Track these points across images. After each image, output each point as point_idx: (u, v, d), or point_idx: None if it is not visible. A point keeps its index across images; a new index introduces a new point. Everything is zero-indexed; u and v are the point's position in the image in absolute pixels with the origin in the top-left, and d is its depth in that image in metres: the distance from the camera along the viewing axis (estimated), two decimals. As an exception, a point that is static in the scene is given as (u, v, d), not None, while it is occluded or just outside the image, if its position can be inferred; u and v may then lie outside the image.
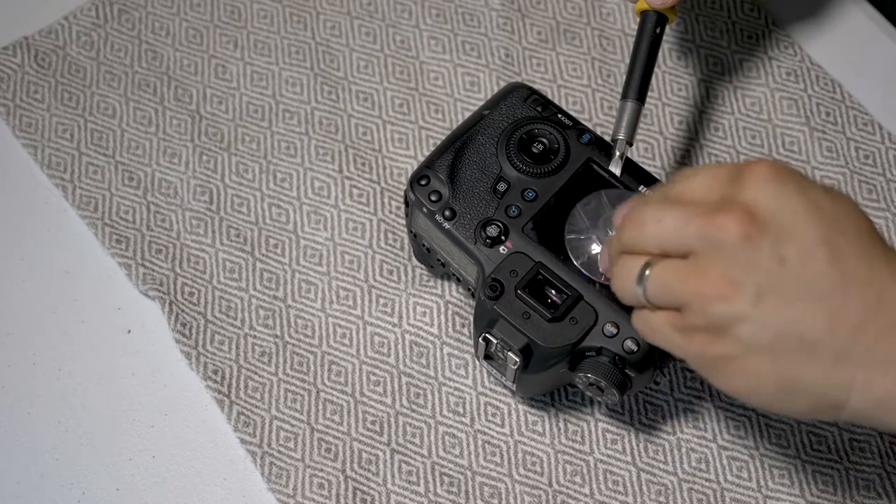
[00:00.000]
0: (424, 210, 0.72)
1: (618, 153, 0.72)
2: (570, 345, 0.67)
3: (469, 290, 0.75)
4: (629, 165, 0.72)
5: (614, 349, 0.67)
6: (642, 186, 0.71)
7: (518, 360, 0.68)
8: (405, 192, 0.73)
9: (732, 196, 0.57)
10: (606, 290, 0.68)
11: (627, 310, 0.66)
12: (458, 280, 0.76)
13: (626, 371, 0.68)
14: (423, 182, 0.72)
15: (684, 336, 0.59)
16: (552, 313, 0.68)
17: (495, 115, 0.74)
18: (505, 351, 0.69)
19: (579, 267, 0.69)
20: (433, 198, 0.72)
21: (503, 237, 0.70)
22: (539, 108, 0.74)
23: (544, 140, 0.73)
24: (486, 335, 0.69)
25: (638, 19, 0.76)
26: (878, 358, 0.55)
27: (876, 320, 0.55)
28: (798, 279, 0.55)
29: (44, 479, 0.74)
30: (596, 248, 0.69)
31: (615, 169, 0.72)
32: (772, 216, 0.56)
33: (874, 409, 0.56)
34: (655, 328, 0.61)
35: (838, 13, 0.88)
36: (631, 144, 0.72)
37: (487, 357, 0.71)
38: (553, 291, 0.69)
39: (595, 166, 0.72)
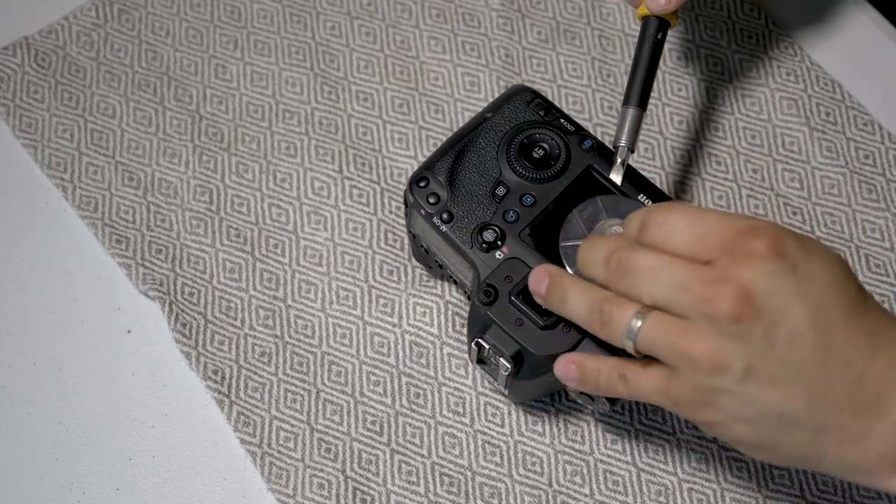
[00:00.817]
0: (422, 212, 0.72)
1: (619, 160, 0.72)
2: (561, 353, 0.67)
3: (466, 292, 0.75)
4: (630, 173, 0.72)
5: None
6: (642, 195, 0.71)
7: (509, 366, 0.68)
8: (404, 192, 0.73)
9: (729, 269, 0.58)
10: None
11: None
12: (456, 282, 0.75)
13: None
14: (422, 184, 0.72)
15: (670, 391, 0.61)
16: (545, 321, 0.68)
17: (497, 119, 0.74)
18: (497, 357, 0.69)
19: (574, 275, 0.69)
20: (431, 200, 0.72)
21: (499, 242, 0.70)
22: (542, 113, 0.74)
23: (545, 145, 0.73)
24: (479, 340, 0.69)
25: (640, 24, 0.76)
26: (852, 433, 0.58)
27: (854, 399, 0.58)
28: (785, 363, 0.57)
29: (44, 479, 0.74)
30: None
31: (616, 176, 0.71)
32: (766, 300, 0.57)
33: (845, 472, 0.60)
34: (642, 392, 0.63)
35: (838, 13, 0.88)
36: (632, 151, 0.72)
37: (480, 361, 0.71)
38: None
39: (595, 173, 0.72)
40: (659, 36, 0.75)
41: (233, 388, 0.76)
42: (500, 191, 0.72)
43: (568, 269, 0.69)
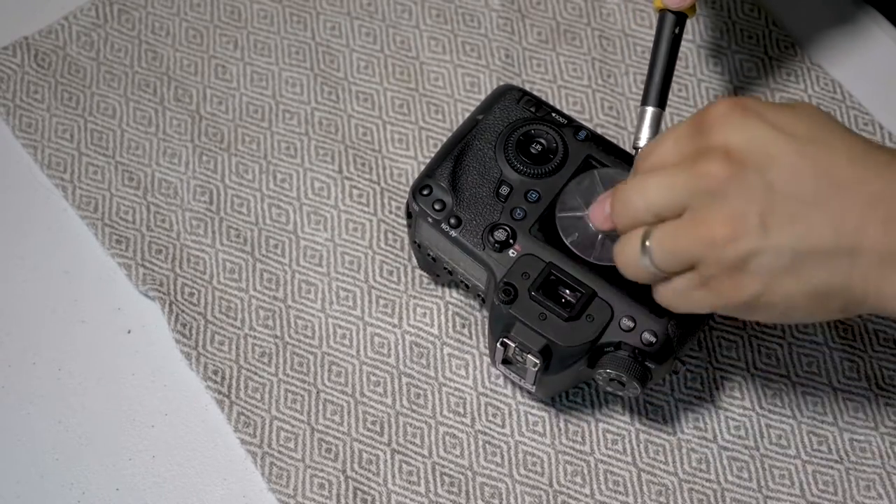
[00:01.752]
0: (429, 220, 0.72)
1: None
2: (588, 343, 0.68)
3: (479, 295, 0.75)
4: None
5: (632, 343, 0.67)
6: None
7: (538, 361, 0.68)
8: (407, 203, 0.73)
9: (703, 145, 0.59)
10: (620, 285, 0.68)
11: (642, 301, 0.67)
12: (467, 287, 0.75)
13: (646, 363, 0.68)
14: (425, 192, 0.72)
15: (709, 291, 0.60)
16: (568, 312, 0.68)
17: (490, 119, 0.74)
18: (524, 354, 0.69)
19: (569, 246, 0.69)
20: (437, 207, 0.72)
21: (511, 240, 0.70)
22: (533, 109, 0.74)
23: (542, 140, 0.73)
24: (504, 340, 0.69)
25: (657, 19, 0.75)
26: (888, 249, 0.57)
27: (875, 215, 0.57)
28: (792, 197, 0.57)
29: (44, 479, 0.74)
30: (588, 227, 0.69)
31: None
32: (747, 149, 0.58)
33: (892, 300, 0.58)
34: (679, 295, 0.62)
35: (838, 13, 0.88)
36: None
37: (506, 361, 0.71)
38: (567, 291, 0.69)
39: (594, 162, 0.72)
40: (676, 31, 0.74)
41: (233, 389, 0.76)
42: (504, 190, 0.72)
43: (564, 238, 0.69)
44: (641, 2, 0.88)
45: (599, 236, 0.69)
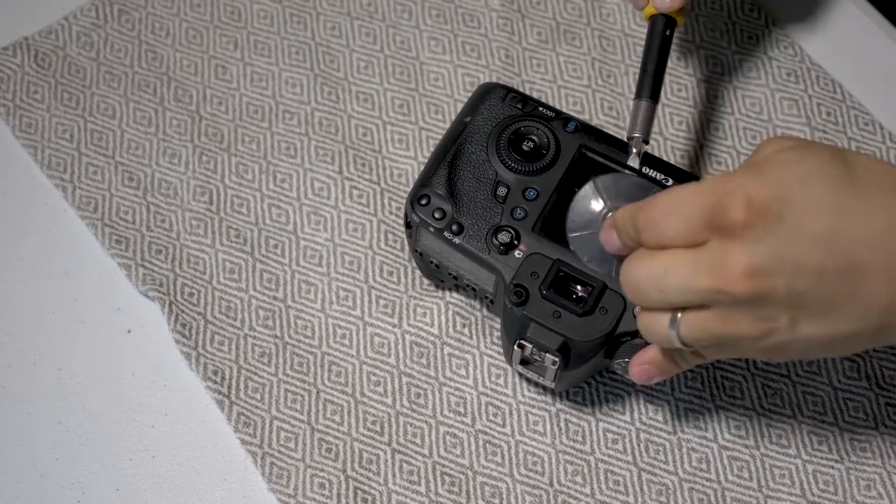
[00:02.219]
0: (431, 229, 0.72)
1: (634, 150, 0.72)
2: (604, 335, 0.68)
3: (486, 298, 0.75)
4: (648, 159, 0.72)
5: None
6: (666, 177, 0.71)
7: (557, 359, 0.68)
8: (405, 214, 0.73)
9: (723, 252, 0.57)
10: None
11: None
12: (474, 291, 0.75)
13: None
14: (423, 202, 0.72)
15: (740, 353, 0.63)
16: (582, 308, 0.68)
17: (478, 121, 0.74)
18: (542, 353, 0.69)
19: (586, 265, 0.69)
20: (437, 216, 0.72)
21: (516, 241, 0.70)
22: (519, 106, 0.74)
23: (533, 137, 0.73)
24: (521, 341, 0.69)
25: (643, 24, 0.76)
26: None
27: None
28: (820, 299, 0.57)
29: (44, 479, 0.74)
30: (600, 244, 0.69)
31: (633, 165, 0.72)
32: (771, 265, 0.57)
33: None
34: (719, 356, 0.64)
35: (838, 13, 0.88)
36: (647, 143, 0.72)
37: (524, 362, 0.71)
38: (578, 286, 0.69)
39: (589, 152, 0.72)
40: (667, 33, 0.75)
41: (233, 389, 0.76)
42: (502, 191, 0.72)
43: (579, 256, 0.69)
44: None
45: (615, 257, 0.68)
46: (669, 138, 0.84)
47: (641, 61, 0.75)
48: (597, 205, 0.70)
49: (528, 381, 0.76)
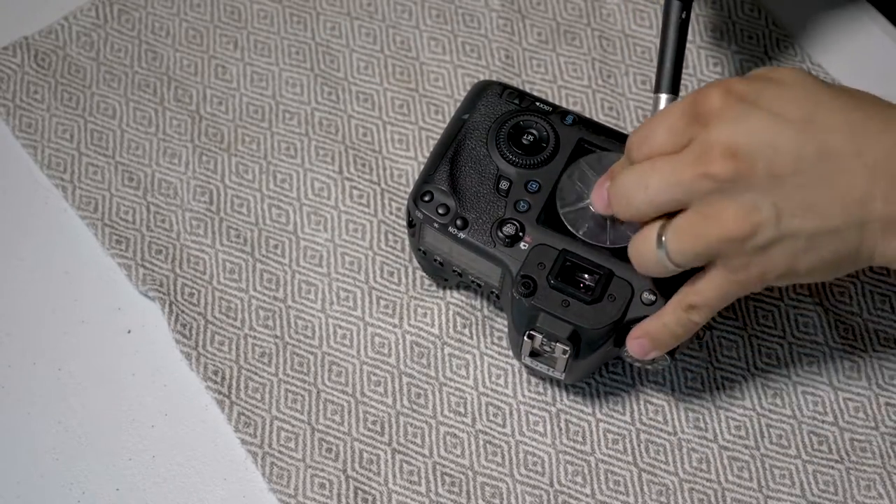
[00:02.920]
0: (435, 225, 0.72)
1: None
2: (614, 322, 0.68)
3: (492, 293, 0.75)
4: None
5: None
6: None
7: (567, 349, 0.68)
8: (407, 211, 0.73)
9: (703, 138, 0.60)
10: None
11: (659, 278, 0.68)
12: (479, 286, 0.75)
13: None
14: (426, 199, 0.72)
15: (740, 286, 0.63)
16: (590, 296, 0.68)
17: (477, 117, 0.74)
18: (552, 343, 0.69)
19: (581, 238, 0.69)
20: (441, 211, 0.72)
21: (521, 233, 0.70)
22: (517, 101, 0.75)
23: (532, 130, 0.73)
24: (531, 332, 0.69)
25: (662, 7, 0.75)
26: (889, 217, 0.59)
27: (877, 186, 0.59)
28: (800, 185, 0.59)
29: (44, 479, 0.74)
30: (594, 215, 0.70)
31: None
32: (750, 143, 0.59)
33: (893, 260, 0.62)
34: (715, 301, 0.64)
35: (839, 13, 0.88)
36: None
37: (533, 354, 0.71)
38: (585, 275, 0.69)
39: (587, 145, 0.73)
40: (683, 15, 0.74)
41: (233, 389, 0.76)
42: (504, 185, 0.72)
43: (575, 232, 0.70)
44: (641, 2, 0.88)
45: (608, 221, 0.69)
46: (669, 138, 0.84)
47: (659, 50, 0.74)
48: (585, 179, 0.71)
49: (529, 380, 0.76)
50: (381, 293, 0.79)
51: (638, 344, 0.68)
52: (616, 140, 0.73)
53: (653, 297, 0.68)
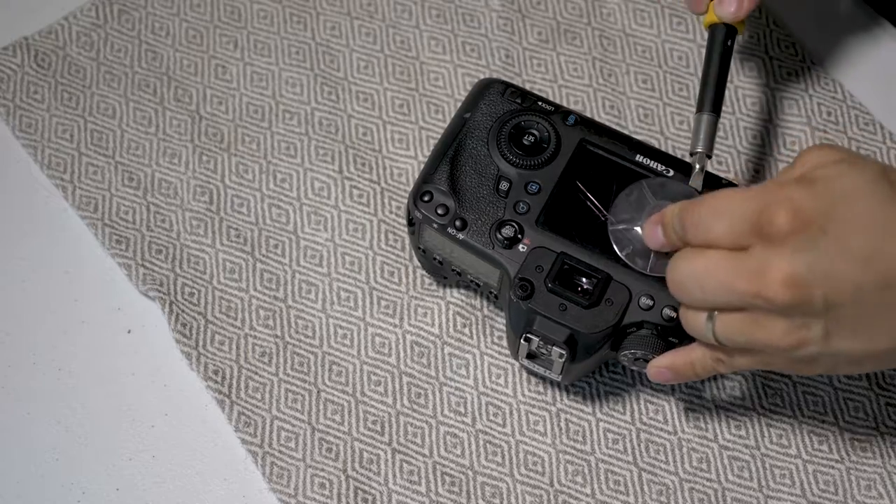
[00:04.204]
0: (435, 225, 0.72)
1: (698, 167, 0.71)
2: (611, 327, 0.68)
3: (491, 293, 0.75)
4: (708, 178, 0.71)
5: (654, 320, 0.68)
6: (668, 169, 0.71)
7: (564, 352, 0.68)
8: (407, 210, 0.73)
9: (764, 257, 0.59)
10: (631, 266, 0.69)
11: (658, 278, 0.67)
12: (477, 286, 0.75)
13: (670, 339, 0.68)
14: (426, 198, 0.72)
15: (768, 367, 0.65)
16: (587, 300, 0.68)
17: (478, 116, 0.74)
18: (549, 347, 0.69)
19: (623, 258, 0.69)
20: (440, 211, 0.72)
21: (519, 235, 0.70)
22: (519, 101, 0.74)
23: (533, 131, 0.73)
24: (528, 335, 0.69)
25: (708, 33, 0.75)
26: None
27: None
28: (854, 315, 0.58)
29: (44, 479, 0.74)
30: (640, 240, 0.69)
31: (696, 183, 0.71)
32: (810, 275, 0.58)
33: None
34: (742, 368, 0.66)
35: (841, 13, 0.88)
36: (710, 157, 0.71)
37: (530, 356, 0.71)
38: (583, 279, 0.69)
39: (589, 146, 0.72)
40: (728, 43, 0.74)
41: (233, 389, 0.76)
42: (504, 186, 0.72)
43: (618, 251, 0.69)
44: (642, 1, 0.88)
45: (652, 252, 0.69)
46: (670, 137, 0.84)
47: (702, 73, 0.74)
48: (642, 202, 0.70)
49: (529, 380, 0.76)
50: (382, 293, 0.79)
51: (658, 373, 0.68)
52: (618, 140, 0.72)
53: (650, 302, 0.68)
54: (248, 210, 0.82)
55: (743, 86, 0.85)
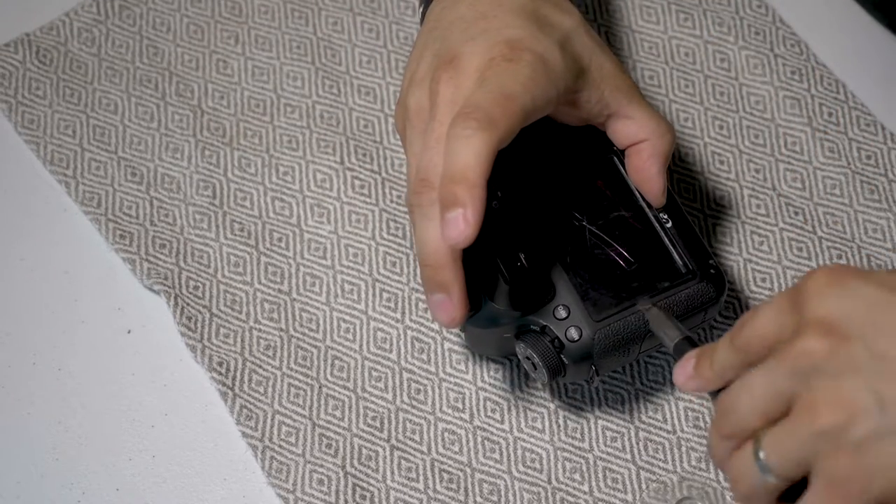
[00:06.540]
0: None
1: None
2: (517, 314, 0.68)
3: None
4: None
5: (557, 332, 0.68)
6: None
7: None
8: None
9: (801, 321, 0.53)
10: (582, 280, 0.69)
11: (588, 303, 0.68)
12: None
13: (563, 357, 0.68)
14: None
15: (838, 499, 0.53)
16: (512, 277, 0.68)
17: None
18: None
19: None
20: None
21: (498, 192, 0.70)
22: None
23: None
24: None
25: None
26: None
27: None
28: None
29: (44, 479, 0.75)
30: None
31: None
32: (849, 318, 0.52)
33: None
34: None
35: (844, 13, 0.87)
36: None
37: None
38: (524, 256, 0.68)
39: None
40: None
41: (237, 381, 0.76)
42: None
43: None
44: (647, -4, 0.88)
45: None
46: (677, 134, 0.83)
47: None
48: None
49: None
50: (385, 285, 0.79)
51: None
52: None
53: (565, 314, 0.68)
54: (252, 204, 0.82)
55: (747, 83, 0.84)
